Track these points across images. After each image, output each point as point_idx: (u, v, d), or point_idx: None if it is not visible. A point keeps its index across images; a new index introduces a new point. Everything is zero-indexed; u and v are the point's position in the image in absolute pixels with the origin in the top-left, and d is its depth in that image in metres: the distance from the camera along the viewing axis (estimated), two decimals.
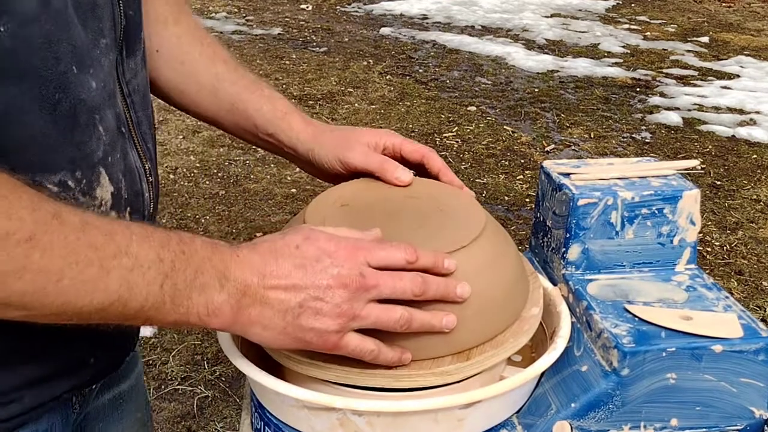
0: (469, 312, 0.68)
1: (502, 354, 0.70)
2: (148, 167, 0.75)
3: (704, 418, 0.73)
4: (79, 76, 0.62)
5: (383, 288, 0.63)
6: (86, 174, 0.65)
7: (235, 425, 2.05)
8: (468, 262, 0.70)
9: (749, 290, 2.77)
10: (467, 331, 0.69)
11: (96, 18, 0.64)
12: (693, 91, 4.79)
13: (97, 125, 0.65)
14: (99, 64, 0.65)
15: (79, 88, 0.62)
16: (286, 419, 0.71)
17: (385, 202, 0.78)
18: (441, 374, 0.67)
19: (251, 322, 0.61)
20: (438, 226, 0.74)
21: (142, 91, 0.74)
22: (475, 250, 0.71)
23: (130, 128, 0.72)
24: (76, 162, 0.64)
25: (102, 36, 0.65)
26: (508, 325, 0.72)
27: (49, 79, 0.60)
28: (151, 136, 0.76)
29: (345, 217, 0.74)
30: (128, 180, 0.71)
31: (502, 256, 0.74)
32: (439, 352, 0.68)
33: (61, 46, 0.60)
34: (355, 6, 6.90)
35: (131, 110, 0.72)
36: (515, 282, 0.74)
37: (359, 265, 0.62)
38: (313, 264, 0.61)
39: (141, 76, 0.74)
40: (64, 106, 0.61)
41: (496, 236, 0.75)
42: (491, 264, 0.72)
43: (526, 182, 3.52)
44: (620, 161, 0.92)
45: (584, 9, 7.10)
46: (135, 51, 0.73)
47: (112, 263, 0.54)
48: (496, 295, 0.71)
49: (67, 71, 0.61)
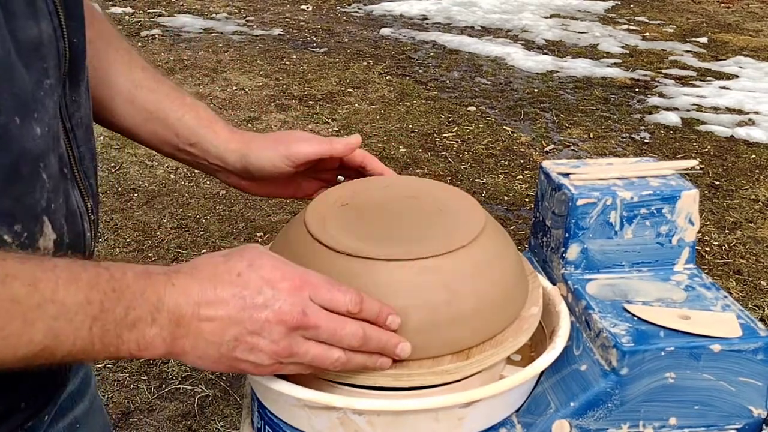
0: (469, 311, 0.69)
1: (502, 353, 0.70)
2: (90, 205, 0.70)
3: (703, 417, 0.74)
4: (23, 125, 0.57)
5: (323, 332, 0.60)
6: (27, 226, 0.60)
7: (236, 424, 2.05)
8: (468, 262, 0.70)
9: (748, 290, 2.77)
10: (467, 330, 0.69)
11: (40, 58, 0.59)
12: (692, 91, 4.80)
13: (40, 173, 0.60)
14: (44, 108, 0.60)
15: (22, 139, 0.57)
16: (287, 418, 0.71)
17: (385, 202, 0.79)
18: (441, 373, 0.67)
19: (185, 352, 0.59)
20: (438, 226, 0.74)
21: (86, 122, 0.70)
22: (475, 250, 0.71)
23: (73, 167, 0.67)
24: (15, 216, 0.59)
25: (46, 77, 0.60)
26: (507, 324, 0.72)
27: None
28: (93, 170, 0.72)
29: (345, 217, 0.75)
30: (70, 223, 0.66)
31: (502, 255, 0.74)
32: (438, 351, 0.68)
33: (1, 98, 0.55)
34: (355, 6, 6.90)
35: (74, 147, 0.67)
36: (514, 281, 0.75)
37: (302, 300, 0.60)
38: (254, 296, 0.59)
39: (85, 106, 0.69)
40: (4, 161, 0.57)
41: (496, 236, 0.75)
42: (491, 263, 0.72)
43: (525, 182, 3.53)
44: (619, 161, 0.92)
45: (583, 10, 7.10)
46: (79, 81, 0.68)
47: (35, 314, 0.51)
48: (495, 295, 0.71)
49: (8, 123, 0.56)
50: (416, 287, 0.68)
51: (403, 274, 0.68)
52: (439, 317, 0.68)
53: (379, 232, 0.72)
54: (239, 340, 0.59)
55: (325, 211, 0.76)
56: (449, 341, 0.68)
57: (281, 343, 0.59)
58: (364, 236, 0.71)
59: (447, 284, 0.68)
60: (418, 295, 0.67)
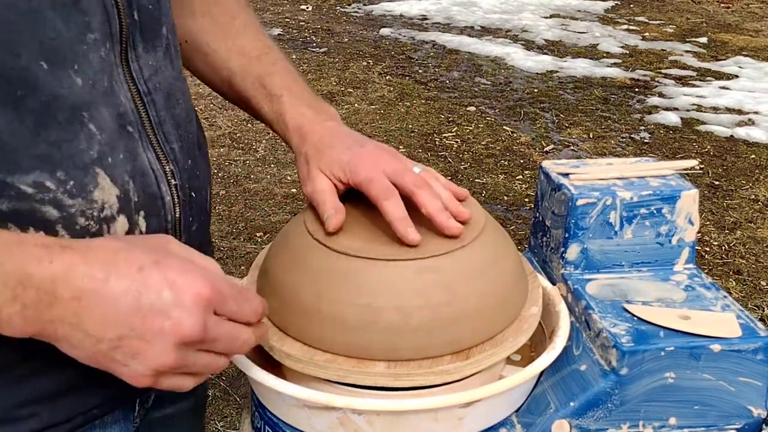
0: (469, 311, 0.69)
1: (502, 353, 0.70)
2: (170, 169, 0.68)
3: (702, 417, 0.74)
4: (53, 72, 0.57)
5: (219, 344, 0.56)
6: (74, 175, 0.59)
7: (236, 424, 2.05)
8: (467, 262, 0.70)
9: (747, 290, 2.77)
10: (467, 330, 0.69)
11: (80, 12, 0.59)
12: (691, 91, 4.80)
13: (86, 123, 0.60)
14: (86, 60, 0.60)
15: (53, 85, 0.57)
16: (287, 418, 0.71)
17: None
18: (440, 373, 0.67)
19: (57, 339, 0.53)
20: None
21: (167, 89, 0.69)
22: (475, 250, 0.71)
23: (145, 126, 0.66)
24: (55, 162, 0.58)
25: (89, 31, 0.60)
26: (507, 324, 0.72)
27: (9, 75, 0.55)
28: (177, 136, 0.70)
29: (345, 217, 0.75)
30: (138, 182, 0.65)
31: (502, 255, 0.74)
32: (438, 351, 0.68)
33: (24, 41, 0.55)
34: (355, 6, 6.90)
35: (149, 109, 0.67)
36: (514, 281, 0.75)
37: (206, 313, 0.54)
38: (152, 298, 0.52)
39: (165, 73, 0.69)
40: (31, 103, 0.56)
41: (496, 236, 0.75)
42: (490, 264, 0.72)
43: (525, 182, 3.53)
44: (619, 161, 0.92)
45: (583, 10, 7.10)
46: (156, 46, 0.68)
47: None
48: (495, 295, 0.71)
49: (30, 66, 0.56)
50: (416, 287, 0.68)
51: (403, 274, 0.68)
52: (440, 317, 0.68)
53: (379, 232, 0.72)
54: (122, 341, 0.52)
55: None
56: (449, 341, 0.68)
57: (172, 356, 0.53)
58: (364, 236, 0.71)
59: (447, 284, 0.68)
60: (418, 295, 0.67)
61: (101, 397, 0.65)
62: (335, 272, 0.68)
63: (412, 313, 0.67)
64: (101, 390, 0.64)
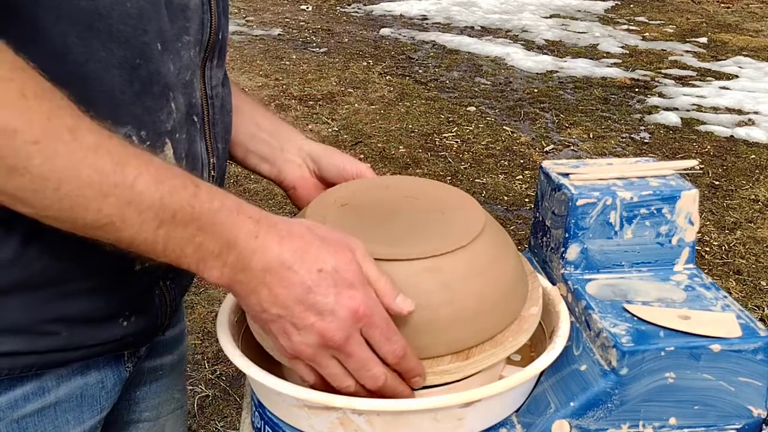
0: (468, 311, 0.69)
1: (501, 353, 0.70)
2: (213, 162, 0.78)
3: (702, 417, 0.74)
4: (162, 54, 0.69)
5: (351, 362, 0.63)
6: (151, 138, 0.69)
7: (236, 424, 2.06)
8: (467, 262, 0.70)
9: (747, 290, 2.78)
10: (467, 330, 0.69)
11: (184, 18, 0.71)
12: (691, 91, 4.80)
13: (169, 101, 0.70)
14: (178, 54, 0.71)
15: (158, 63, 0.68)
16: (287, 418, 0.71)
17: (384, 203, 0.79)
18: (440, 373, 0.67)
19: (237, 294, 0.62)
20: (437, 226, 0.74)
21: (222, 99, 0.80)
22: (474, 250, 0.71)
23: (205, 121, 0.77)
24: (143, 123, 0.68)
25: (186, 33, 0.72)
26: (507, 324, 0.72)
27: (135, 46, 0.65)
28: (223, 138, 0.81)
29: (344, 217, 0.75)
30: (190, 162, 0.74)
31: (502, 255, 0.74)
32: (438, 351, 0.68)
33: (151, 24, 0.67)
34: (355, 7, 6.91)
35: (210, 108, 0.77)
36: (514, 281, 0.75)
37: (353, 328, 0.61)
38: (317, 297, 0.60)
39: (222, 90, 0.81)
40: (143, 72, 0.67)
41: (496, 236, 0.75)
42: (490, 264, 0.72)
43: (525, 182, 3.53)
44: (619, 161, 0.92)
45: (583, 10, 7.10)
46: (221, 65, 0.81)
47: (110, 190, 0.56)
48: (495, 295, 0.71)
49: (151, 44, 0.67)
50: (416, 287, 0.67)
51: (402, 274, 0.68)
52: (440, 317, 0.67)
53: (378, 232, 0.72)
54: (280, 320, 0.61)
55: (325, 211, 0.76)
56: (449, 341, 0.68)
57: (310, 349, 0.62)
58: (363, 236, 0.71)
59: (447, 284, 0.68)
60: (417, 295, 0.67)
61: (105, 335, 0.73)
62: None
63: (412, 313, 0.67)
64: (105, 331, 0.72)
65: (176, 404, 0.96)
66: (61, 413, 0.73)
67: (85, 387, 0.75)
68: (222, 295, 2.53)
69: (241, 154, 0.93)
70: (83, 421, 0.75)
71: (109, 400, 0.78)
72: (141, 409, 0.90)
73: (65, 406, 0.73)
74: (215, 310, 2.46)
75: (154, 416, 0.92)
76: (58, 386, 0.72)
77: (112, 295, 0.71)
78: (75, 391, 0.74)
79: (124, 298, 0.73)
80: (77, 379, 0.74)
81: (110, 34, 0.64)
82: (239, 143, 0.93)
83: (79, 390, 0.74)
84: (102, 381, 0.76)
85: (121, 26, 0.64)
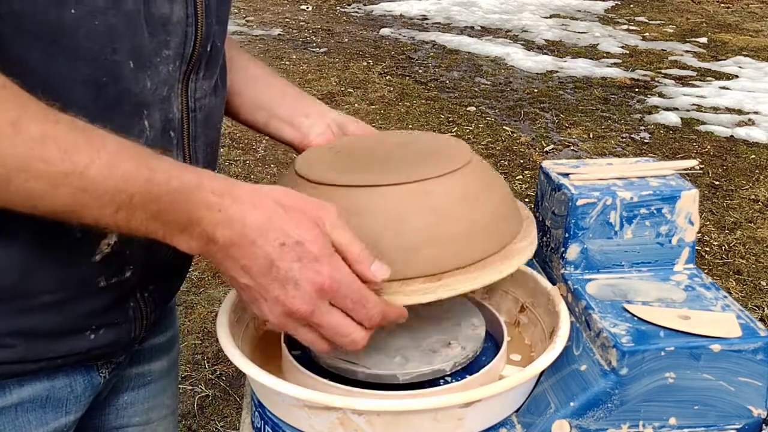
0: (449, 236, 0.68)
1: (475, 281, 0.68)
2: None
3: (702, 417, 0.74)
4: (136, 72, 0.68)
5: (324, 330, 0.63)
6: None
7: (236, 424, 2.06)
8: (454, 187, 0.70)
9: (747, 290, 2.78)
10: (441, 254, 0.68)
11: (165, 32, 0.70)
12: (691, 91, 4.80)
13: (143, 119, 0.70)
14: (156, 69, 0.70)
15: (130, 82, 0.67)
16: (287, 418, 0.71)
17: (377, 149, 0.81)
18: (410, 294, 0.66)
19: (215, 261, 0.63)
20: (427, 159, 0.74)
21: (207, 111, 0.78)
22: (463, 177, 0.71)
23: (184, 135, 0.76)
24: None
25: (166, 48, 0.71)
26: (488, 254, 0.71)
27: (102, 64, 0.65)
28: (204, 153, 0.79)
29: (334, 159, 0.77)
30: None
31: (489, 186, 0.74)
32: (410, 273, 0.67)
33: (122, 41, 0.65)
34: (355, 7, 6.91)
35: (191, 122, 0.76)
36: (501, 213, 0.73)
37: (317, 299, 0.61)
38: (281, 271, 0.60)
39: (211, 99, 0.79)
40: (110, 90, 0.66)
41: (484, 169, 0.75)
42: (477, 192, 0.71)
43: (525, 182, 3.53)
44: (619, 161, 0.92)
45: (583, 10, 7.10)
46: (212, 75, 0.78)
47: (61, 180, 0.56)
48: (480, 222, 0.70)
49: (121, 62, 0.66)
50: (401, 210, 0.68)
51: (388, 198, 0.68)
52: (421, 240, 0.67)
53: (367, 168, 0.73)
54: (249, 289, 0.62)
55: (315, 155, 0.79)
56: (421, 265, 0.67)
57: (278, 319, 0.62)
58: (352, 172, 0.72)
59: (432, 207, 0.68)
60: (402, 218, 0.67)
61: (67, 349, 0.73)
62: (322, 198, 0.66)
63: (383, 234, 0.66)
64: (68, 344, 0.72)
65: (167, 410, 0.95)
66: (23, 413, 0.73)
67: (52, 389, 0.74)
68: (222, 295, 2.53)
69: (264, 119, 0.93)
70: (46, 422, 0.75)
71: (78, 404, 0.78)
72: (130, 414, 0.90)
73: (27, 406, 0.73)
74: (215, 310, 2.46)
75: (143, 421, 0.92)
76: (21, 387, 0.72)
77: (75, 311, 0.71)
78: (40, 393, 0.73)
79: (89, 312, 0.72)
80: (43, 381, 0.73)
81: (75, 51, 0.63)
82: (264, 107, 0.93)
83: (45, 392, 0.74)
84: (70, 385, 0.76)
85: (88, 44, 0.63)
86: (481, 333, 0.79)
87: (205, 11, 0.74)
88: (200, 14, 0.73)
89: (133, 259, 0.73)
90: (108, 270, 0.71)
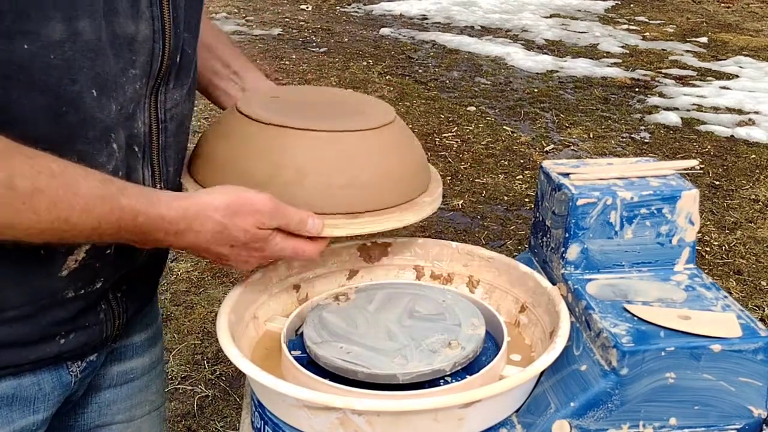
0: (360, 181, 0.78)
1: (386, 223, 0.79)
2: (160, 187, 0.79)
3: (703, 417, 0.74)
4: (99, 99, 0.68)
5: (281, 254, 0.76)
6: None
7: (236, 424, 2.05)
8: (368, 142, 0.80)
9: (748, 290, 2.77)
10: (357, 196, 0.78)
11: (131, 52, 0.71)
12: (692, 91, 4.80)
13: (110, 142, 0.71)
14: (122, 90, 0.71)
15: (92, 109, 0.68)
16: (286, 418, 0.71)
17: (312, 99, 0.90)
18: (330, 227, 0.76)
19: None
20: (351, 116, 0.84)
21: (180, 119, 0.81)
22: (378, 134, 0.81)
23: (153, 147, 0.77)
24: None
25: (132, 67, 0.71)
26: (396, 203, 0.81)
27: (61, 95, 0.65)
28: (175, 161, 0.82)
29: (272, 103, 0.84)
30: None
31: (401, 146, 0.85)
32: (330, 210, 0.77)
33: (82, 72, 0.66)
34: (355, 6, 6.91)
35: (161, 134, 0.78)
36: (409, 171, 0.84)
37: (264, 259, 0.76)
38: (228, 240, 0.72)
39: (184, 106, 0.81)
40: (71, 119, 0.67)
41: (401, 131, 0.86)
42: (389, 148, 0.82)
43: (525, 182, 3.53)
44: (619, 161, 0.92)
45: (583, 9, 7.10)
46: (183, 84, 0.80)
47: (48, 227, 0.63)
48: (386, 175, 0.80)
49: (83, 92, 0.67)
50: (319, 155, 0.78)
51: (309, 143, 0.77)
52: (334, 181, 0.77)
53: (298, 114, 0.81)
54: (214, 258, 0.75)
55: (256, 98, 0.86)
56: (342, 203, 0.78)
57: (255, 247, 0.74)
58: (285, 113, 0.81)
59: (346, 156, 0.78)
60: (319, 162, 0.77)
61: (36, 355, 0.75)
62: (249, 134, 0.79)
63: (308, 173, 0.76)
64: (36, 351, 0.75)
65: (151, 406, 0.96)
66: None
67: (19, 388, 0.75)
68: (222, 295, 2.53)
69: (205, 84, 0.98)
70: (12, 420, 0.75)
71: (47, 403, 0.78)
72: (113, 412, 0.90)
73: None
74: (215, 310, 2.46)
75: (127, 418, 0.92)
76: None
77: (43, 321, 0.72)
78: (6, 392, 0.74)
79: (58, 321, 0.74)
80: (9, 380, 0.74)
81: (31, 84, 0.63)
82: (205, 77, 0.97)
83: (11, 390, 0.74)
84: (38, 384, 0.76)
85: (44, 77, 0.63)
86: (481, 333, 0.79)
87: (173, 23, 0.74)
88: (168, 27, 0.73)
89: (104, 271, 0.75)
90: (77, 283, 0.73)
